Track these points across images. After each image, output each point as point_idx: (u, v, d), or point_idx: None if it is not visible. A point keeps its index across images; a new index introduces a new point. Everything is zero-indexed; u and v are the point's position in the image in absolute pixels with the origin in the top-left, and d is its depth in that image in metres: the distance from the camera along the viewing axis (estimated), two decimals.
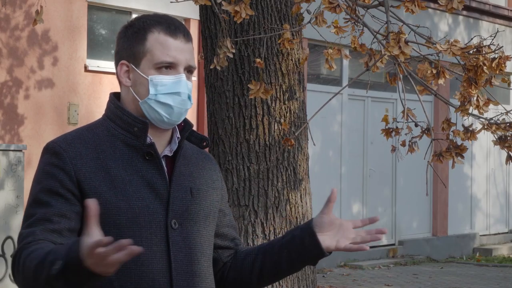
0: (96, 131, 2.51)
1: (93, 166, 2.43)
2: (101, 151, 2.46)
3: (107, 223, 2.38)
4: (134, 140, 2.48)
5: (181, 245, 2.47)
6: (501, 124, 5.06)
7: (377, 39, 4.86)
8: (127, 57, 2.51)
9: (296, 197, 5.64)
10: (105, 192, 2.41)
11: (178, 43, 2.49)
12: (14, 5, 9.57)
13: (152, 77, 2.47)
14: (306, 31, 6.18)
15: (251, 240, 5.52)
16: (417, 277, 12.24)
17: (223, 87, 5.62)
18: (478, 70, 4.74)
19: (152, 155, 2.48)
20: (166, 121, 2.49)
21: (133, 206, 2.42)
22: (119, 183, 2.43)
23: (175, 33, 2.49)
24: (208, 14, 5.65)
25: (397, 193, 14.21)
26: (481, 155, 16.14)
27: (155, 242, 2.44)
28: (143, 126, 2.47)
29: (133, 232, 2.41)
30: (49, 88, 9.82)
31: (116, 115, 2.51)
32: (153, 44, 2.48)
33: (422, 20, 13.57)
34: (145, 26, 2.51)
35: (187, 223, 2.50)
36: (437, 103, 14.68)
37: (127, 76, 2.52)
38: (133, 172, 2.46)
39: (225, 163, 5.59)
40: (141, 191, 2.45)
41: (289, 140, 4.97)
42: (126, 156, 2.47)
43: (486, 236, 16.15)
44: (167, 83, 2.47)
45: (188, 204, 2.51)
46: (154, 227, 2.44)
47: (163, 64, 2.47)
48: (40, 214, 2.39)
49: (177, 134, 2.56)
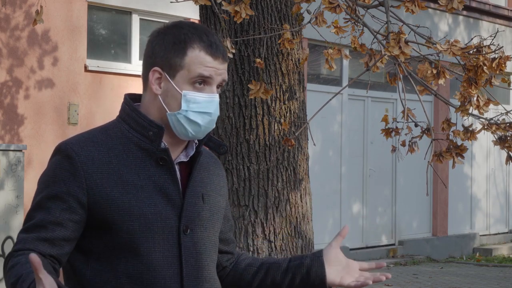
0: (110, 132, 2.48)
1: (105, 171, 2.41)
2: (114, 155, 2.44)
3: (119, 229, 2.39)
4: (148, 144, 2.46)
5: (192, 251, 2.48)
6: (501, 124, 5.06)
7: (377, 39, 4.86)
8: (161, 65, 2.48)
9: (296, 197, 5.64)
10: (118, 198, 2.40)
11: (217, 64, 2.47)
12: (14, 5, 9.57)
13: (186, 92, 2.45)
14: (306, 31, 6.18)
15: (251, 240, 5.52)
16: (417, 277, 12.24)
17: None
18: (478, 70, 4.74)
19: (166, 161, 2.46)
20: (190, 136, 2.48)
21: (145, 213, 2.41)
22: (131, 188, 2.42)
23: (215, 54, 2.47)
24: (208, 14, 5.65)
25: (397, 193, 14.21)
26: (481, 155, 16.14)
27: (167, 248, 2.44)
28: (158, 131, 2.45)
29: (146, 238, 2.41)
30: (49, 88, 9.82)
31: (131, 117, 2.49)
32: (192, 61, 2.45)
33: (422, 20, 13.57)
34: (186, 39, 2.47)
35: (198, 228, 2.51)
36: (437, 103, 14.68)
37: (158, 84, 2.48)
38: (146, 177, 2.44)
39: (225, 163, 5.59)
40: (154, 197, 2.43)
41: (289, 140, 4.97)
42: (139, 161, 2.45)
43: (486, 236, 16.15)
44: (200, 101, 2.45)
45: (199, 210, 2.52)
46: (166, 232, 2.44)
47: (199, 80, 2.45)
48: (37, 220, 2.38)
49: (195, 139, 2.55)
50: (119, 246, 2.40)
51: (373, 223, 13.91)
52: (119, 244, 2.40)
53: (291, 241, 5.59)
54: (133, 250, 2.40)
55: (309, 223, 5.74)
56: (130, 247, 2.40)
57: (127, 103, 2.53)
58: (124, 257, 2.40)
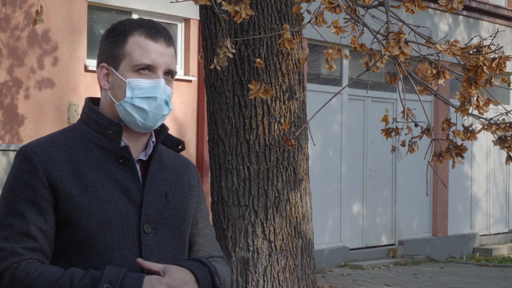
0: (70, 134, 2.48)
1: (65, 169, 2.41)
2: (74, 154, 2.44)
3: (77, 227, 2.38)
4: (108, 143, 2.46)
5: (154, 250, 2.45)
6: (501, 124, 5.06)
7: (377, 39, 4.86)
8: (107, 60, 2.49)
9: (296, 197, 5.64)
10: (76, 196, 2.39)
11: (159, 47, 2.46)
12: (14, 5, 9.57)
13: (130, 80, 2.44)
14: (306, 31, 6.18)
15: (251, 240, 5.52)
16: (417, 277, 12.24)
17: (223, 87, 5.62)
18: (478, 70, 4.74)
19: (126, 158, 2.45)
20: (140, 125, 2.46)
21: (104, 209, 2.40)
22: (91, 186, 2.41)
23: (155, 37, 2.47)
24: (208, 14, 5.65)
25: (397, 193, 14.21)
26: (481, 155, 16.14)
27: (127, 246, 2.41)
28: (117, 129, 2.45)
29: (104, 236, 2.39)
30: (49, 88, 9.82)
31: (91, 118, 2.49)
32: (133, 47, 2.46)
33: (422, 20, 13.57)
34: (126, 29, 2.49)
35: (161, 227, 2.48)
36: (437, 103, 14.68)
37: (106, 79, 2.50)
38: (106, 175, 2.43)
39: (225, 163, 5.59)
40: (114, 194, 2.42)
41: (289, 140, 4.97)
42: (99, 160, 2.45)
43: (486, 236, 16.14)
44: (144, 86, 2.44)
45: (162, 209, 2.49)
46: (126, 230, 2.42)
47: (141, 66, 2.44)
48: (18, 227, 2.37)
49: (152, 138, 2.54)
50: (78, 245, 2.39)
51: (373, 223, 13.90)
52: (77, 243, 2.39)
53: (291, 241, 5.59)
54: (91, 248, 2.39)
55: (309, 223, 5.74)
56: (88, 245, 2.39)
57: (87, 105, 2.53)
58: (82, 256, 2.39)
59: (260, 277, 5.51)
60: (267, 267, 5.51)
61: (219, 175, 5.63)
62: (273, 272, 5.52)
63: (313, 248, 5.78)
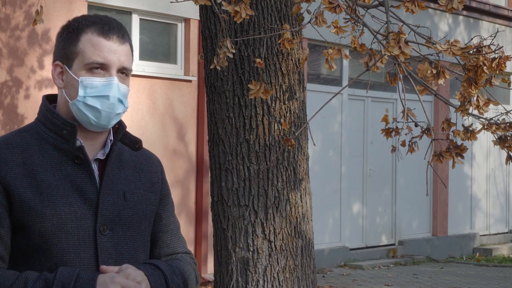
0: (25, 135, 2.45)
1: (19, 172, 2.37)
2: (28, 155, 2.40)
3: (32, 231, 2.35)
4: (63, 143, 2.42)
5: (111, 251, 2.41)
6: (501, 124, 5.06)
7: (377, 39, 4.86)
8: (61, 58, 2.47)
9: (296, 197, 5.63)
10: (30, 199, 2.35)
11: (111, 44, 2.44)
12: (14, 5, 9.57)
13: (83, 78, 2.41)
14: (306, 31, 6.19)
15: (251, 240, 5.52)
16: (417, 277, 12.24)
17: (223, 87, 5.62)
18: (478, 70, 4.74)
19: (82, 159, 2.42)
20: (94, 124, 2.43)
21: (59, 212, 2.36)
22: (45, 188, 2.37)
23: (108, 34, 2.44)
24: (208, 14, 5.65)
25: (397, 193, 14.21)
26: (481, 155, 16.13)
27: (83, 249, 2.38)
28: (71, 129, 2.42)
29: (59, 239, 2.36)
30: (49, 88, 9.82)
31: (46, 117, 2.46)
32: (85, 45, 2.42)
33: (422, 20, 13.57)
34: (79, 26, 2.45)
35: (118, 228, 2.44)
36: (437, 103, 14.68)
37: (61, 78, 2.47)
38: (62, 176, 2.40)
39: (225, 163, 5.59)
40: (69, 196, 2.38)
41: (289, 140, 4.97)
42: (55, 160, 2.41)
43: (486, 236, 16.14)
44: (97, 85, 2.41)
45: (120, 209, 2.45)
46: (82, 233, 2.38)
47: (94, 65, 2.41)
48: None
49: (110, 137, 2.51)
50: (34, 248, 2.37)
51: (373, 223, 13.90)
52: (33, 246, 2.36)
53: (291, 241, 5.59)
54: (46, 251, 2.36)
55: (309, 223, 5.74)
56: (42, 248, 2.36)
57: (44, 103, 2.51)
58: (38, 259, 2.37)
59: (260, 277, 5.51)
60: (267, 267, 5.51)
61: (219, 175, 5.63)
62: (273, 272, 5.52)
63: (313, 248, 5.78)
